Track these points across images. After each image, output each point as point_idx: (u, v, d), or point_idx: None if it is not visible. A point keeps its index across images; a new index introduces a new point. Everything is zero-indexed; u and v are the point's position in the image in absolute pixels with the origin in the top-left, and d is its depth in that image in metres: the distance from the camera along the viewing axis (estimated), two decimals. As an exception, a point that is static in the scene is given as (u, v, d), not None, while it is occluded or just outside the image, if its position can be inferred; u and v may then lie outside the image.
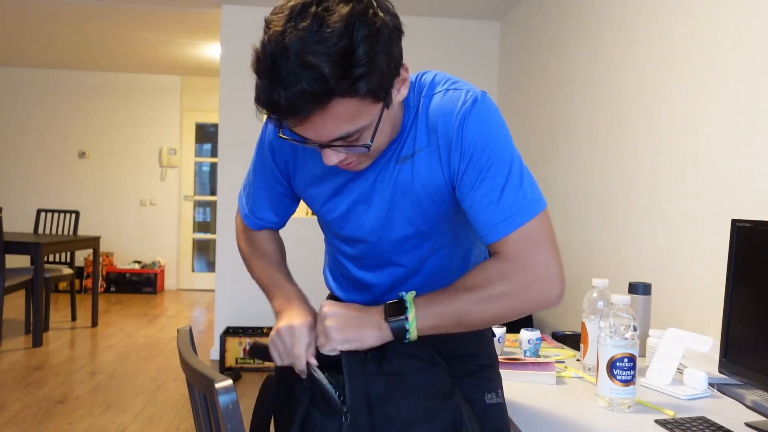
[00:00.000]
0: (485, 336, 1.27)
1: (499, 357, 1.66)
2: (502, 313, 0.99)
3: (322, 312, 1.03)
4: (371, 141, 0.94)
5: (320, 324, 1.02)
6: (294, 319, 1.06)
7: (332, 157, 0.96)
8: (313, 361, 1.02)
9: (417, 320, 0.98)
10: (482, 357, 1.23)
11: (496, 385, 1.22)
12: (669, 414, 1.31)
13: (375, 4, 0.88)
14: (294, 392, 1.04)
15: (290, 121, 0.90)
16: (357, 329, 1.00)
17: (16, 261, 6.43)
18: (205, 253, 7.58)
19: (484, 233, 0.99)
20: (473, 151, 0.98)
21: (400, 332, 0.99)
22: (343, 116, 0.89)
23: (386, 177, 1.07)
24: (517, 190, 0.97)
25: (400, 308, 1.00)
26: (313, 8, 0.84)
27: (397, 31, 0.91)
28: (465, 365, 1.19)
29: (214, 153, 7.53)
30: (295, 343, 1.03)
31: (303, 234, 4.21)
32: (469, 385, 1.17)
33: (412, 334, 0.98)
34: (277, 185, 1.22)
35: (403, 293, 1.02)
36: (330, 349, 1.00)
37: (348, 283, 1.25)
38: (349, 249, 1.19)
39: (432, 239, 1.12)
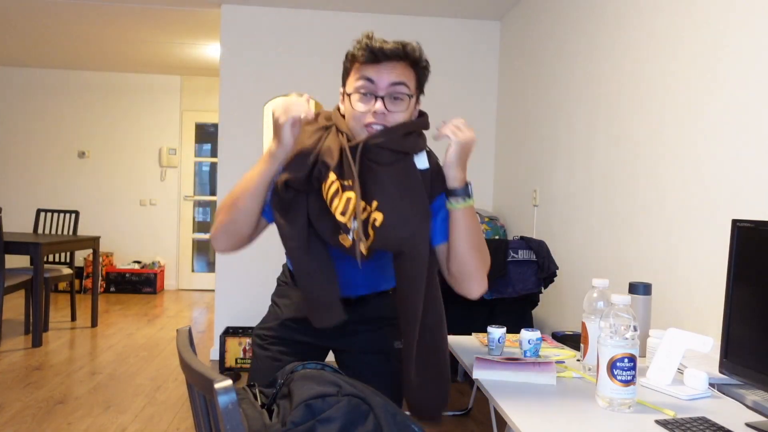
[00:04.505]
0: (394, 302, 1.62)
1: (499, 357, 1.67)
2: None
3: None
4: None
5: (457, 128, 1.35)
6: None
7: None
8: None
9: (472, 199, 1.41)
10: (394, 318, 1.56)
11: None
12: (669, 414, 1.30)
13: None
14: None
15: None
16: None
17: (16, 261, 6.42)
18: (204, 253, 7.58)
19: None
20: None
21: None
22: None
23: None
24: None
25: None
26: None
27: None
28: (392, 325, 1.59)
29: (213, 153, 7.53)
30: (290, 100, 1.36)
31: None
32: (389, 335, 1.59)
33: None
34: None
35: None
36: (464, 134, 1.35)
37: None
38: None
39: None
